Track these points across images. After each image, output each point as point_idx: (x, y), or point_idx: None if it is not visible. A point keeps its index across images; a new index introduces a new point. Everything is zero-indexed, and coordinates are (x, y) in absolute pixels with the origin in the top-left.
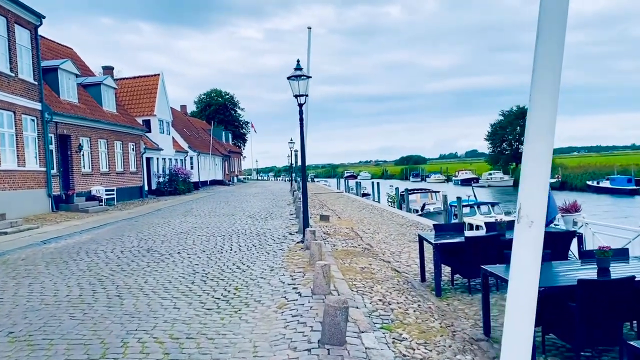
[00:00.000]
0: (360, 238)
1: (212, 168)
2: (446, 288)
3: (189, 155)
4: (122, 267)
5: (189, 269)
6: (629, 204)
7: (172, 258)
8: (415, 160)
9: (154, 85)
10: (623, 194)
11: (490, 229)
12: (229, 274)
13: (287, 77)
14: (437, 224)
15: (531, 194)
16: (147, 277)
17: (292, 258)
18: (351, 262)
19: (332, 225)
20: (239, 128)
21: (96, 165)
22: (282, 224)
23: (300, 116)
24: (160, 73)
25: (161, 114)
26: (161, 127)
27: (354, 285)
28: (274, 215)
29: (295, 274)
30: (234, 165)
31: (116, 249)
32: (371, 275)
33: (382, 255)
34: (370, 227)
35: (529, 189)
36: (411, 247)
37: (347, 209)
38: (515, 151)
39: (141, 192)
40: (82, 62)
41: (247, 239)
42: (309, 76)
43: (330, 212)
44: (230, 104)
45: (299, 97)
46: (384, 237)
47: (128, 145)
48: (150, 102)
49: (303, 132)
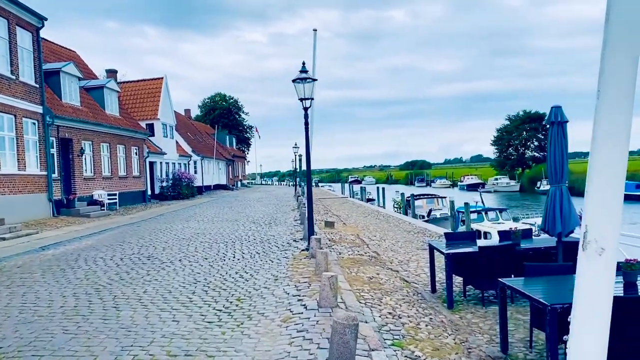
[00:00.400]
0: (366, 245)
1: (216, 172)
2: (458, 299)
3: (193, 159)
4: (120, 275)
5: (190, 278)
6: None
7: (173, 266)
8: (420, 165)
9: (157, 89)
10: (632, 200)
11: (504, 237)
12: (231, 283)
13: (292, 80)
14: (448, 232)
15: (601, 213)
16: (147, 286)
17: (297, 267)
18: (358, 271)
19: (337, 231)
20: (243, 132)
21: (98, 170)
22: (287, 231)
23: (305, 120)
24: (164, 76)
25: (165, 117)
26: (165, 131)
27: (362, 297)
28: (278, 221)
29: (300, 285)
30: (237, 169)
31: (116, 256)
32: (379, 285)
33: (389, 264)
34: (376, 234)
35: (597, 207)
36: (420, 256)
37: (352, 214)
38: (521, 156)
39: (144, 196)
40: (85, 65)
41: (251, 246)
42: (314, 79)
43: (335, 217)
44: (234, 108)
45: (304, 101)
46: (391, 245)
47: (131, 149)
48: (154, 105)
49: (308, 136)
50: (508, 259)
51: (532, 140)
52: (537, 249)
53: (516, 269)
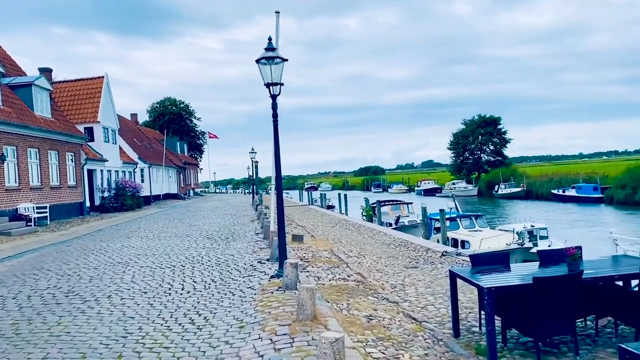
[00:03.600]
0: (346, 265)
1: (166, 181)
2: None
3: (139, 167)
4: (18, 326)
5: (118, 328)
6: (597, 212)
7: (98, 307)
8: (374, 170)
9: (97, 89)
10: (589, 203)
11: (551, 260)
12: (177, 335)
13: (257, 60)
14: (475, 254)
15: None
16: (48, 347)
17: (269, 305)
18: (350, 306)
19: (307, 247)
20: (195, 138)
21: (24, 179)
22: (248, 248)
23: (273, 111)
24: (105, 75)
25: (106, 120)
26: (106, 135)
27: (370, 355)
28: (236, 235)
29: (278, 339)
30: (190, 177)
31: (23, 292)
32: (385, 331)
33: (381, 290)
34: (352, 249)
35: None
36: (412, 277)
37: (318, 224)
38: (477, 160)
39: (81, 209)
40: (11, 60)
41: (205, 271)
42: (284, 59)
43: (301, 229)
44: (185, 113)
45: (271, 87)
46: (374, 262)
47: (66, 156)
48: (93, 107)
49: (277, 132)
50: (572, 293)
51: (488, 145)
52: (606, 278)
53: (581, 308)
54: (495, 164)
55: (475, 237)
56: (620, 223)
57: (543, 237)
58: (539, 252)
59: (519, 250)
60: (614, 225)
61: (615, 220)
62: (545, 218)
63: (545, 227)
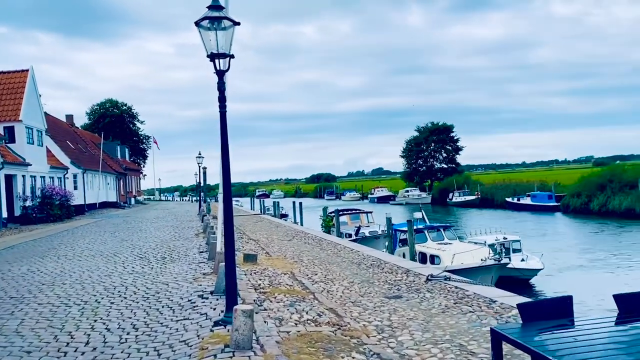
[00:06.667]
0: (313, 296)
1: (103, 188)
2: None
3: (71, 172)
4: None
5: None
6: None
7: None
8: (325, 177)
9: (20, 84)
10: (544, 211)
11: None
12: None
13: (196, 22)
14: (524, 303)
15: None
16: None
17: None
18: None
19: (262, 269)
20: (138, 143)
21: None
22: (188, 272)
23: (220, 93)
24: (30, 68)
25: (30, 119)
26: (30, 136)
27: None
28: (175, 255)
29: None
30: (131, 184)
31: None
32: None
33: (365, 337)
34: (316, 270)
35: None
36: (399, 313)
37: (273, 237)
38: (430, 168)
39: None
40: None
41: (126, 310)
42: (235, 22)
43: (254, 244)
44: (127, 116)
45: (217, 60)
46: (346, 291)
47: None
48: (15, 104)
49: (224, 122)
50: None
51: (441, 152)
52: None
53: None
54: (448, 172)
55: (446, 252)
56: (578, 232)
57: (516, 250)
58: (616, 297)
59: (495, 267)
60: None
61: (572, 230)
62: (502, 227)
63: (518, 239)
